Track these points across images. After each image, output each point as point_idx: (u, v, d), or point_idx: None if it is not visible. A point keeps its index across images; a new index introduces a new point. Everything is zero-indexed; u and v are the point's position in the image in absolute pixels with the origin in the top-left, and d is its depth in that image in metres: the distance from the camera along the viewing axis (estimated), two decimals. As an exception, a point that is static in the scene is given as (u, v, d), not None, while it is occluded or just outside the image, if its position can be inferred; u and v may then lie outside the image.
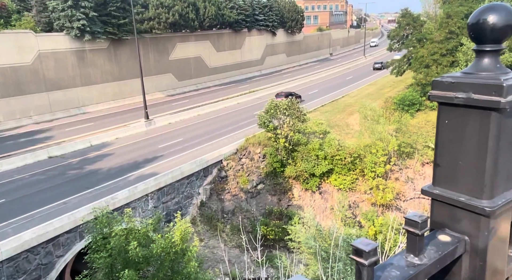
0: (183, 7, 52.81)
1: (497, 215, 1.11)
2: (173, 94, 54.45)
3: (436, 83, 1.15)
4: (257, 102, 46.58)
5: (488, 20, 1.05)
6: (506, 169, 1.11)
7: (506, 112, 1.03)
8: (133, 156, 30.11)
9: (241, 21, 65.66)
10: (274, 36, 76.42)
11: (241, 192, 29.14)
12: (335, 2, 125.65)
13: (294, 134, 29.89)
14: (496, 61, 1.09)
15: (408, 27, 50.10)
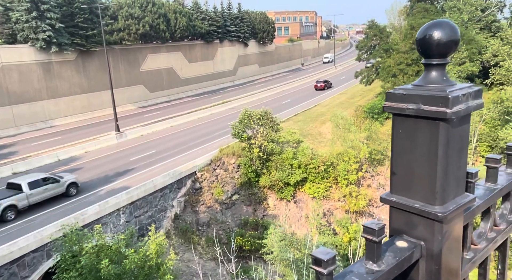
0: (154, 19, 52.47)
1: (449, 220, 1.14)
2: (145, 106, 53.62)
3: (389, 95, 1.19)
4: (230, 113, 46.60)
5: (434, 36, 1.11)
6: (455, 175, 1.16)
7: (453, 122, 1.08)
8: (104, 170, 29.27)
9: (213, 32, 65.91)
10: (246, 47, 77.11)
11: (216, 203, 28.86)
12: (305, 13, 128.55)
13: (268, 143, 30.02)
14: (443, 74, 1.14)
15: (375, 38, 51.91)
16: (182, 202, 28.62)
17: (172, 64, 59.47)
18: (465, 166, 1.21)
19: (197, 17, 62.46)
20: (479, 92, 1.16)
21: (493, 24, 48.76)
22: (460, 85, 1.14)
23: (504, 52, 41.09)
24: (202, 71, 65.69)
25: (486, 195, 1.46)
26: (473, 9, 47.10)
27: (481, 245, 1.46)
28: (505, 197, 1.63)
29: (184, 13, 58.26)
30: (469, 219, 1.37)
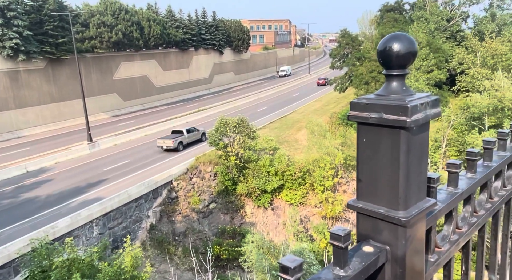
0: (127, 26, 51.81)
1: (412, 224, 1.18)
2: (118, 115, 52.58)
3: (353, 104, 1.22)
4: (206, 121, 46.34)
5: (393, 48, 1.15)
6: (417, 181, 1.20)
7: (413, 130, 1.13)
8: (76, 181, 28.38)
9: (188, 40, 65.72)
10: (221, 55, 77.24)
11: (193, 212, 28.49)
12: (279, 22, 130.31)
13: (245, 151, 30.02)
14: (403, 84, 1.19)
15: (348, 46, 53.18)
16: (158, 212, 28.09)
17: (147, 72, 58.75)
18: (425, 172, 1.25)
19: (171, 25, 62.14)
20: (437, 101, 1.21)
21: (458, 33, 51.03)
22: (418, 94, 1.19)
23: (469, 60, 42.99)
24: (177, 79, 65.22)
25: (447, 199, 1.52)
26: (439, 19, 49.16)
27: (445, 248, 1.52)
28: (466, 200, 1.70)
29: (158, 21, 57.85)
30: (432, 222, 1.42)
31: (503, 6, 50.91)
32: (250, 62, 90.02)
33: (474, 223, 1.71)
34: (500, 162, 1.89)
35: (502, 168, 1.95)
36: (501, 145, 2.00)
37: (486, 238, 1.86)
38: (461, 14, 51.86)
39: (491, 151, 1.86)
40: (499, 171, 1.94)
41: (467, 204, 1.71)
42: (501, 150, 1.99)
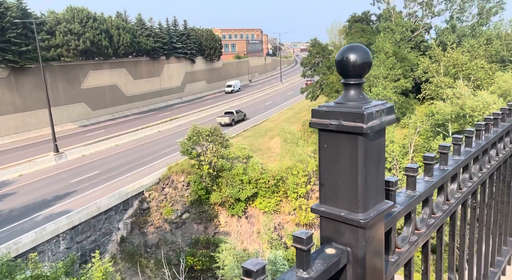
0: (95, 34, 50.71)
1: (371, 226, 1.23)
2: (86, 125, 51.10)
3: (314, 112, 1.27)
4: (179, 130, 45.83)
5: (350, 58, 1.22)
6: (375, 185, 1.26)
7: (369, 136, 1.18)
8: (41, 194, 27.22)
9: (159, 49, 65.09)
10: (193, 63, 76.93)
11: (165, 223, 27.93)
12: (251, 31, 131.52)
13: (218, 160, 29.85)
14: (360, 92, 1.25)
15: (318, 55, 54.32)
16: (128, 224, 27.35)
17: (116, 81, 57.58)
18: (383, 176, 1.31)
19: (141, 33, 61.40)
20: (391, 108, 1.28)
21: (422, 43, 53.28)
22: (375, 102, 1.25)
23: (433, 69, 44.92)
24: (149, 87, 64.30)
25: (406, 201, 1.59)
26: (404, 30, 51.18)
27: (404, 248, 1.58)
28: (424, 202, 1.78)
29: (128, 29, 57.02)
30: (391, 224, 1.48)
31: (462, 18, 53.70)
32: (222, 70, 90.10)
33: (432, 224, 1.79)
34: (455, 165, 2.00)
35: (457, 171, 2.06)
36: (456, 150, 2.11)
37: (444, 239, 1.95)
38: (424, 25, 54.27)
39: (446, 156, 1.96)
40: (455, 174, 2.05)
41: (425, 206, 1.79)
42: (456, 155, 2.10)
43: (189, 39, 73.77)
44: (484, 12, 51.31)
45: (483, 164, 2.42)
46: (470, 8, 52.53)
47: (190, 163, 30.65)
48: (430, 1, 52.48)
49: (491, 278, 2.77)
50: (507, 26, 56.20)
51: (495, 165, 2.57)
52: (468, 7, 52.30)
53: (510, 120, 2.83)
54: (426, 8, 53.17)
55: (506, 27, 55.33)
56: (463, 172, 2.22)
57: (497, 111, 2.65)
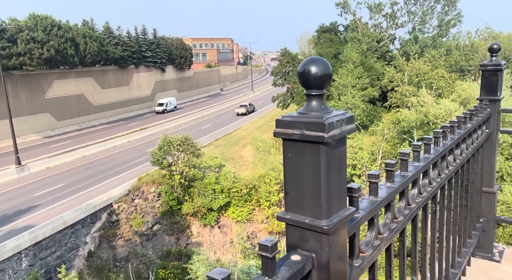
0: (60, 43, 49.20)
1: (334, 232, 1.27)
2: (51, 135, 49.19)
3: (278, 122, 1.30)
4: (149, 139, 44.99)
5: (311, 70, 1.26)
6: (337, 191, 1.30)
7: (331, 144, 1.23)
8: (1, 209, 25.83)
9: (128, 58, 63.97)
10: (163, 72, 76.07)
11: (136, 235, 27.18)
12: (221, 41, 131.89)
13: (190, 169, 29.50)
14: (321, 103, 1.29)
15: (289, 64, 55.14)
16: (96, 238, 26.40)
17: (83, 90, 55.98)
18: (345, 183, 1.36)
19: (109, 42, 60.18)
20: (351, 118, 1.33)
21: (387, 54, 55.28)
22: (335, 112, 1.30)
23: (398, 78, 46.63)
24: (117, 97, 62.90)
25: (369, 207, 1.65)
26: (370, 40, 52.96)
27: (368, 253, 1.63)
28: (386, 207, 1.85)
29: (95, 38, 55.73)
30: (355, 229, 1.53)
31: (424, 30, 56.26)
32: (193, 79, 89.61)
33: (394, 229, 1.86)
34: (415, 171, 2.09)
35: (417, 177, 2.15)
36: (415, 157, 2.21)
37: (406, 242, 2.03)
38: (389, 36, 56.40)
39: (406, 162, 2.05)
40: (415, 179, 2.14)
41: (387, 211, 1.86)
42: (415, 161, 2.20)
43: (159, 48, 73.01)
44: (444, 24, 54.02)
45: (441, 170, 2.54)
46: (431, 20, 55.18)
47: (161, 174, 30.10)
48: (394, 13, 54.71)
49: (451, 278, 2.89)
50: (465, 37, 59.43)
51: (453, 170, 2.70)
52: (428, 19, 54.91)
53: (466, 127, 2.98)
54: (390, 20, 55.35)
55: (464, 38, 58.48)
56: (423, 178, 2.32)
57: (453, 119, 2.80)
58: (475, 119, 3.18)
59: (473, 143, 3.16)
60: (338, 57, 49.29)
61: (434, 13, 54.32)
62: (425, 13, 54.47)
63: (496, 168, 3.82)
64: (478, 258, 3.63)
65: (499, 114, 3.72)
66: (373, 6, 54.55)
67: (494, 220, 3.75)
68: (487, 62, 3.69)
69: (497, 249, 3.72)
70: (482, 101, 3.62)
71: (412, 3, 54.86)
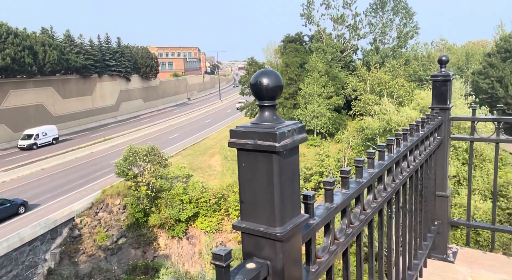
0: (17, 51, 47.07)
1: (288, 239, 1.30)
2: (7, 148, 46.67)
3: (232, 132, 1.33)
4: (114, 150, 43.71)
5: (263, 82, 1.30)
6: (291, 199, 1.34)
7: (283, 154, 1.27)
8: (-49, 228, 24.11)
9: (90, 67, 62.19)
10: (128, 81, 74.51)
11: (100, 250, 26.15)
12: (188, 50, 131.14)
13: (157, 180, 28.93)
14: (273, 113, 1.34)
15: (255, 74, 55.56)
16: (57, 254, 25.15)
17: (43, 100, 53.70)
18: (298, 191, 1.40)
19: (70, 50, 58.29)
20: (302, 128, 1.38)
21: (350, 63, 57.14)
22: (287, 122, 1.35)
23: (361, 87, 48.25)
24: (80, 107, 60.81)
25: (324, 213, 1.70)
26: (334, 50, 54.57)
27: (324, 258, 1.68)
28: (342, 213, 1.91)
29: (55, 46, 53.79)
30: (310, 235, 1.57)
31: (384, 41, 58.72)
32: (159, 89, 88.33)
33: (350, 233, 1.92)
34: (369, 177, 2.17)
35: (372, 182, 2.24)
36: (370, 164, 2.30)
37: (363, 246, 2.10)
38: (351, 47, 58.36)
39: (361, 169, 2.13)
40: (370, 185, 2.23)
41: (343, 216, 1.92)
42: (370, 168, 2.29)
43: (124, 57, 71.55)
44: (402, 36, 56.64)
45: (396, 175, 2.66)
46: (390, 32, 57.71)
47: (126, 185, 29.29)
48: (356, 24, 56.76)
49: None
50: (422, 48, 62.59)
51: (407, 176, 2.83)
52: (388, 31, 57.40)
53: (418, 134, 3.14)
54: (352, 31, 57.34)
55: (421, 49, 61.55)
56: (378, 183, 2.42)
57: (406, 127, 2.94)
58: (427, 127, 3.36)
59: (425, 149, 3.32)
60: (304, 67, 50.35)
61: (393, 25, 56.90)
62: (384, 25, 56.92)
63: (448, 173, 4.04)
64: (434, 260, 3.80)
65: (449, 122, 3.95)
66: (336, 18, 56.36)
67: (448, 222, 3.95)
68: (437, 73, 3.92)
69: (451, 250, 3.92)
70: (434, 110, 3.83)
71: (372, 15, 57.21)
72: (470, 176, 4.11)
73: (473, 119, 3.94)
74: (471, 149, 4.00)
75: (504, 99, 43.82)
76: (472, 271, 3.61)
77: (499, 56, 47.02)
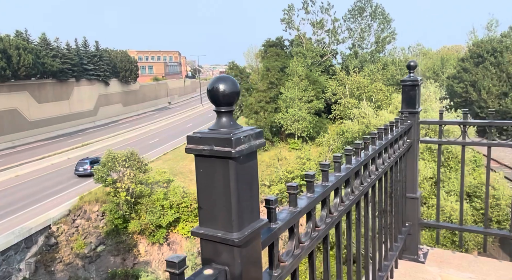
0: (-10, 54, 45.72)
1: (246, 244, 1.31)
2: (-20, 154, 45.10)
3: (189, 138, 1.33)
4: (93, 155, 42.80)
5: (220, 88, 1.31)
6: (249, 204, 1.35)
7: (239, 159, 1.28)
8: None
9: (67, 71, 60.87)
10: (107, 85, 73.30)
11: (77, 258, 25.51)
12: (168, 53, 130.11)
13: (136, 186, 28.48)
14: (231, 119, 1.35)
15: (237, 78, 55.69)
16: (32, 264, 24.38)
17: (16, 105, 52.17)
18: (257, 195, 1.41)
19: (46, 54, 56.94)
20: (260, 133, 1.39)
21: (330, 68, 57.90)
22: (244, 128, 1.36)
23: (340, 91, 48.92)
24: (56, 112, 59.37)
25: (288, 217, 1.71)
26: (314, 55, 55.20)
27: (288, 262, 1.69)
28: (308, 217, 1.93)
29: (30, 50, 52.45)
30: (272, 239, 1.58)
31: (362, 45, 59.81)
32: (139, 93, 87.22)
33: (316, 237, 1.94)
34: (335, 181, 2.20)
35: (339, 186, 2.27)
36: (336, 167, 2.34)
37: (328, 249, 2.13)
38: (331, 51, 59.18)
39: (326, 173, 2.16)
40: (337, 188, 2.26)
41: (308, 220, 1.94)
42: (337, 171, 2.32)
43: (102, 61, 70.38)
44: (380, 41, 57.85)
45: (364, 178, 2.70)
46: (369, 37, 58.85)
47: (105, 191, 28.72)
48: (335, 29, 57.64)
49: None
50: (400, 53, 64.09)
51: (375, 178, 2.88)
52: (366, 36, 58.53)
53: (387, 138, 3.21)
54: (332, 36, 58.18)
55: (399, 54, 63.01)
56: (346, 186, 2.45)
57: (373, 131, 3.00)
58: (396, 130, 3.43)
59: (395, 152, 3.39)
60: (285, 71, 50.71)
61: (371, 30, 58.06)
62: (363, 30, 58.02)
63: (418, 175, 4.14)
64: (405, 260, 3.88)
65: (418, 125, 4.05)
66: (316, 23, 57.10)
67: (419, 224, 4.04)
68: (406, 78, 4.02)
69: (422, 251, 4.01)
70: (403, 114, 3.93)
71: (351, 21, 58.24)
72: (439, 177, 4.22)
73: (440, 123, 4.06)
74: (439, 151, 4.11)
75: (477, 103, 45.31)
76: (442, 270, 3.70)
77: (472, 61, 48.63)
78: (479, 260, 3.89)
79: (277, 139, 49.93)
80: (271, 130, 49.55)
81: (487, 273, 3.62)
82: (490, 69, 45.50)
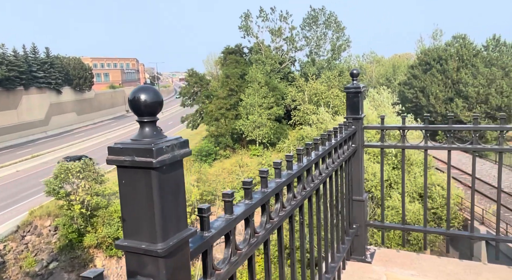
0: None
1: (172, 254, 1.30)
2: None
3: (110, 149, 1.31)
4: (44, 167, 40.59)
5: (141, 98, 1.30)
6: (175, 214, 1.34)
7: (162, 169, 1.27)
8: None
9: (14, 78, 57.53)
10: (59, 94, 70.04)
11: (27, 277, 23.94)
12: (125, 60, 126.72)
13: (92, 197, 27.30)
14: (154, 129, 1.34)
15: (197, 85, 55.29)
16: (-24, 287, 22.60)
17: (-42, 114, 48.54)
18: (184, 205, 1.40)
19: (-9, 60, 53.59)
20: (185, 142, 1.40)
21: (289, 74, 59.00)
22: (168, 138, 1.35)
23: (299, 98, 49.95)
24: (3, 122, 55.84)
25: (222, 225, 1.72)
26: (273, 62, 56.04)
27: (224, 270, 1.69)
28: (246, 223, 1.95)
29: (-26, 56, 49.16)
30: (205, 248, 1.58)
31: (319, 53, 61.56)
32: (95, 101, 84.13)
33: (254, 243, 1.96)
34: (275, 186, 2.24)
35: (279, 191, 2.31)
36: (277, 173, 2.38)
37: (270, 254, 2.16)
38: (290, 59, 60.36)
39: (265, 179, 2.19)
40: (277, 194, 2.29)
41: (247, 226, 1.96)
42: (277, 177, 2.36)
43: (53, 68, 67.23)
44: (336, 49, 59.84)
45: (307, 183, 2.77)
46: (325, 45, 60.69)
47: (57, 205, 27.31)
48: (293, 37, 58.92)
49: (326, 284, 3.12)
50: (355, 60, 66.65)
51: (319, 183, 2.96)
52: (323, 43, 60.33)
53: (331, 143, 3.32)
54: (290, 43, 59.41)
55: (354, 61, 65.50)
56: (288, 192, 2.50)
57: (317, 137, 3.09)
58: (340, 136, 3.55)
59: (339, 157, 3.51)
60: (244, 78, 51.03)
61: (327, 38, 59.93)
62: (319, 38, 59.76)
63: (364, 178, 4.31)
64: (354, 261, 4.00)
65: (363, 131, 4.23)
66: (274, 31, 58.09)
67: (365, 225, 4.20)
68: (350, 85, 4.19)
69: (369, 251, 4.16)
70: (348, 119, 4.08)
71: (307, 29, 59.82)
72: (382, 180, 4.42)
73: (382, 128, 4.26)
74: (381, 155, 4.31)
75: (427, 108, 47.99)
76: (387, 269, 3.86)
77: (420, 68, 51.55)
78: (421, 257, 4.10)
79: (238, 146, 49.97)
80: (232, 137, 49.53)
81: (428, 269, 3.82)
82: (437, 76, 48.44)
